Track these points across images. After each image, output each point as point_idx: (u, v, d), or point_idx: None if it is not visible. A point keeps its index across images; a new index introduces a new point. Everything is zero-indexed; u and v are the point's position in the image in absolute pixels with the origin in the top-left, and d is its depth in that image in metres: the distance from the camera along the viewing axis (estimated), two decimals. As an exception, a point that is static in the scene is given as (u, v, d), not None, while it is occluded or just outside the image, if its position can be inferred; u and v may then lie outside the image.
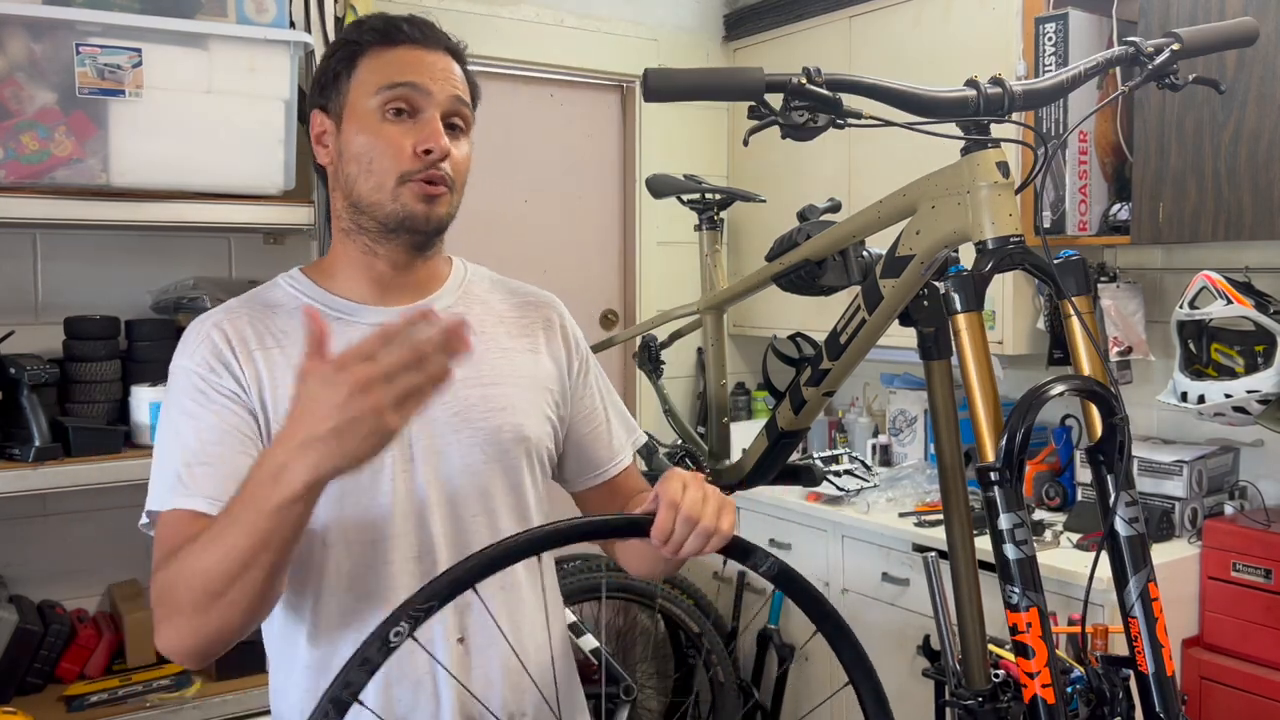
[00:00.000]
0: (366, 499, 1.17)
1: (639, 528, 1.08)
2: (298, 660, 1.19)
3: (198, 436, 1.13)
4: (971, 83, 1.24)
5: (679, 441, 2.31)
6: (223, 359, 1.16)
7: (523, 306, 1.34)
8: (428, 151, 1.16)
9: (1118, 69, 1.40)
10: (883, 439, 3.33)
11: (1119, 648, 1.33)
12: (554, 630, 1.29)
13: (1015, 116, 1.26)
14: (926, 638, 1.85)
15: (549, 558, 1.32)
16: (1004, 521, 1.16)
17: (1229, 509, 2.56)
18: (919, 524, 2.73)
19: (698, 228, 2.34)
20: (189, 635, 1.04)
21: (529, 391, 1.28)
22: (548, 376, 1.31)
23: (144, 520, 1.16)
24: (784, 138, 1.20)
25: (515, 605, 1.24)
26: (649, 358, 2.41)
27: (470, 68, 1.26)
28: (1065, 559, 2.38)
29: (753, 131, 1.21)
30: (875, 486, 2.93)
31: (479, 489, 1.22)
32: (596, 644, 2.67)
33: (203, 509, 1.09)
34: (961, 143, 1.26)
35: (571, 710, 1.32)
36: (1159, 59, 1.33)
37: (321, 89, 1.22)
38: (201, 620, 1.02)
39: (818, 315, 2.51)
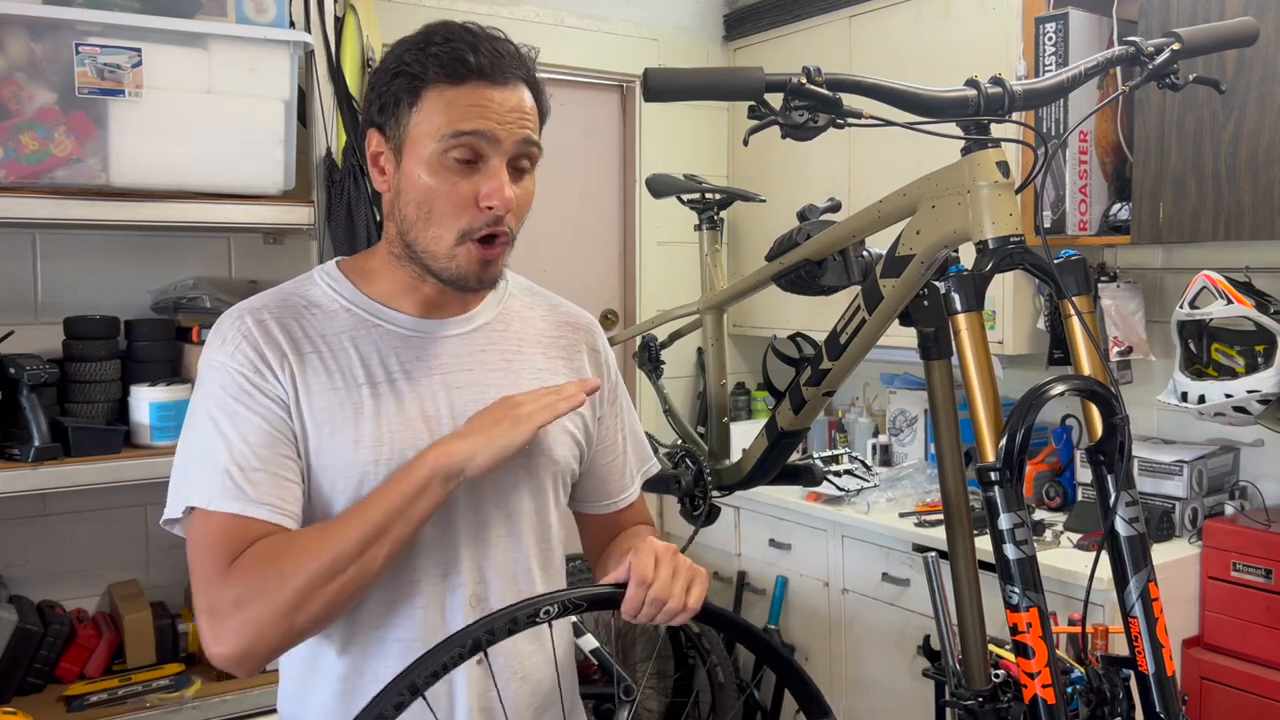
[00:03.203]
0: None
1: (611, 602, 1.11)
2: (324, 669, 1.18)
3: (245, 439, 1.09)
4: (972, 82, 1.24)
5: (679, 441, 2.31)
6: (265, 359, 1.13)
7: (561, 326, 1.32)
8: (490, 208, 1.12)
9: (1118, 69, 1.40)
10: (883, 439, 3.33)
11: (1119, 648, 1.33)
12: (561, 650, 1.30)
13: (1015, 116, 1.26)
14: (926, 638, 1.84)
15: (560, 577, 1.32)
16: (1004, 521, 1.16)
17: (1229, 509, 2.55)
18: (919, 524, 2.73)
19: (698, 228, 2.34)
20: (274, 628, 1.03)
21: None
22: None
23: (172, 515, 1.11)
24: (784, 138, 1.20)
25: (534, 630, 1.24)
26: (649, 358, 2.41)
27: (539, 78, 1.19)
28: (1065, 559, 2.38)
29: (753, 131, 1.20)
30: (875, 486, 2.93)
31: (507, 510, 1.21)
32: (596, 644, 2.66)
33: (265, 517, 1.07)
34: (962, 142, 1.26)
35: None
36: (1159, 59, 1.33)
37: (380, 109, 1.15)
38: (300, 608, 1.03)
39: (818, 315, 2.52)
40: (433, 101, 1.11)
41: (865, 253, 1.68)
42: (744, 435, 2.28)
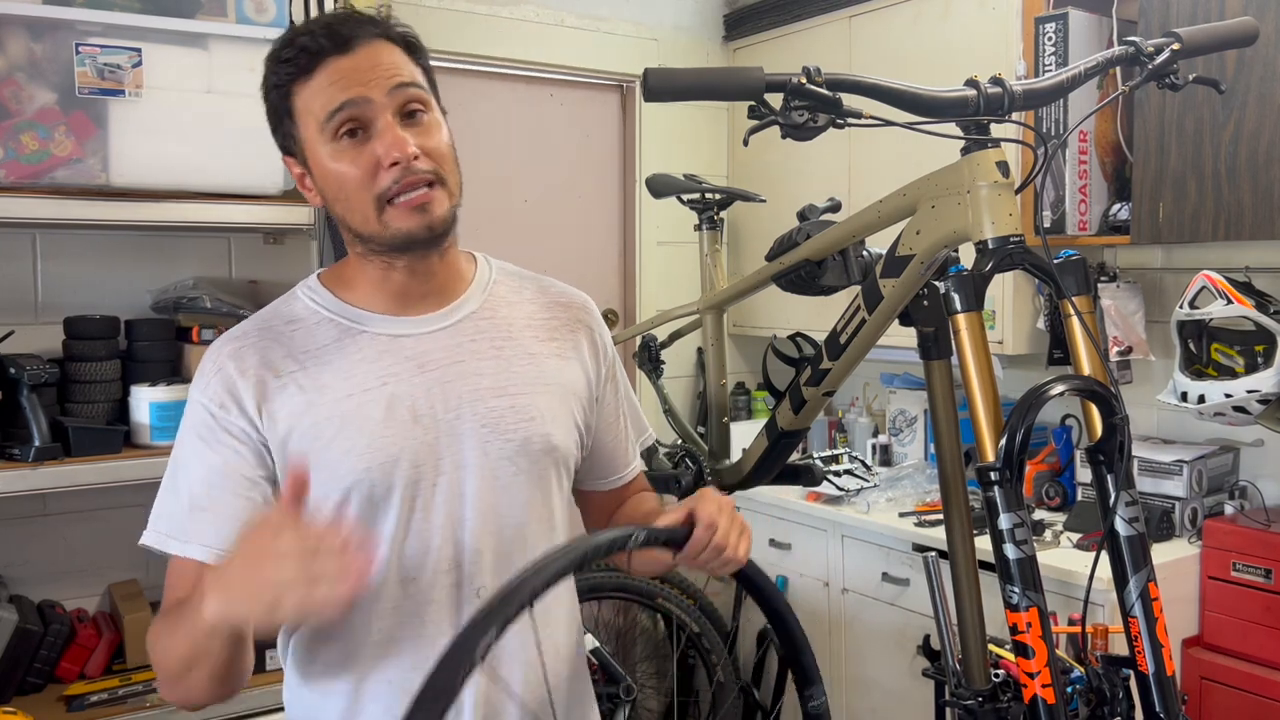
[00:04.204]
0: (394, 515, 1.15)
1: (675, 541, 1.14)
2: (334, 675, 1.18)
3: (204, 478, 1.15)
4: (971, 82, 1.24)
5: (679, 441, 2.31)
6: (234, 394, 1.14)
7: (552, 307, 1.30)
8: (395, 163, 1.11)
9: (1118, 69, 1.40)
10: (883, 439, 3.33)
11: (1119, 648, 1.33)
12: (573, 637, 1.30)
13: (1015, 116, 1.26)
14: (926, 638, 1.84)
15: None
16: (1004, 521, 1.16)
17: (1229, 509, 2.56)
18: (919, 524, 2.73)
19: (698, 228, 2.34)
20: (169, 694, 1.15)
21: (557, 400, 1.24)
22: (576, 383, 1.27)
23: (146, 539, 1.17)
24: (784, 138, 1.20)
25: (544, 612, 1.22)
26: (649, 358, 2.41)
27: (403, 28, 1.17)
28: (1065, 559, 2.38)
29: (753, 131, 1.21)
30: (875, 486, 2.93)
31: (509, 501, 1.20)
32: (597, 644, 2.67)
33: (200, 558, 1.14)
34: (961, 142, 1.26)
35: (584, 710, 1.32)
36: (1159, 59, 1.33)
37: (277, 132, 1.18)
38: (171, 689, 1.14)
39: (818, 315, 2.52)
40: (303, 101, 1.13)
41: (865, 253, 1.68)
42: (744, 435, 2.28)
